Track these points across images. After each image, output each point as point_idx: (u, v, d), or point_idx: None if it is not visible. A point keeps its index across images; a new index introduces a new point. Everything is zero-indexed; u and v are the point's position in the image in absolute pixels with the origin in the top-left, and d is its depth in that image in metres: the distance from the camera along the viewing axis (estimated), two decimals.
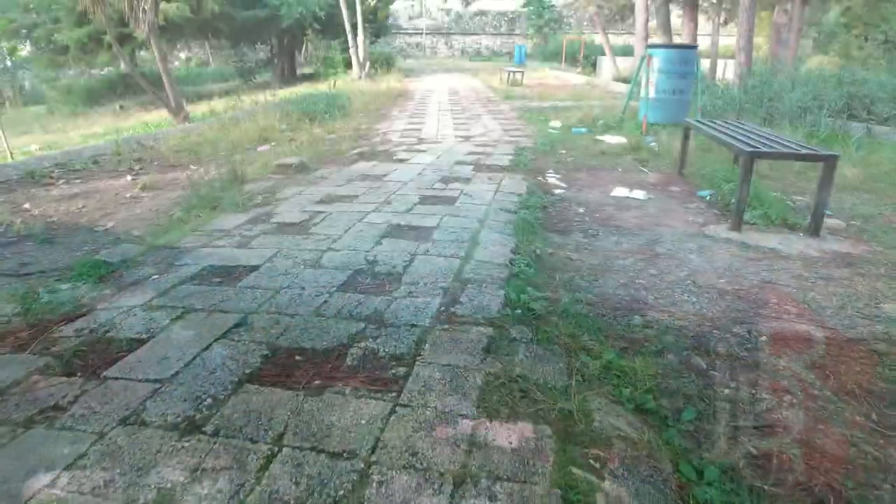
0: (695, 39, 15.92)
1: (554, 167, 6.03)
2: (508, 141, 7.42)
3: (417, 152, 6.42)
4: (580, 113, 10.00)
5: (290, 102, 11.34)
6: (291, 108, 10.13)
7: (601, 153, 6.72)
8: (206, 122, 8.98)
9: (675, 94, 8.14)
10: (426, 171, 5.25)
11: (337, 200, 4.29)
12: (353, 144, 7.25)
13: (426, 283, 2.67)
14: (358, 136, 7.96)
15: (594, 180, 5.59)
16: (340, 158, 6.41)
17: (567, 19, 36.66)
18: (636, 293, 3.01)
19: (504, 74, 19.24)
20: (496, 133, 8.15)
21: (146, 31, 11.17)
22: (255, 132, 8.16)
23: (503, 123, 9.22)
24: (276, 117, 9.51)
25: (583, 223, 4.20)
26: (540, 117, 9.95)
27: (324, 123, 9.32)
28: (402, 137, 7.76)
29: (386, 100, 12.66)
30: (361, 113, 10.47)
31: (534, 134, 8.11)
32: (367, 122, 9.40)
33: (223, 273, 2.89)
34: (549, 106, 11.69)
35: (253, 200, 4.42)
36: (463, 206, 4.04)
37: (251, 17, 19.45)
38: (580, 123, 9.08)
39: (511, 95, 13.69)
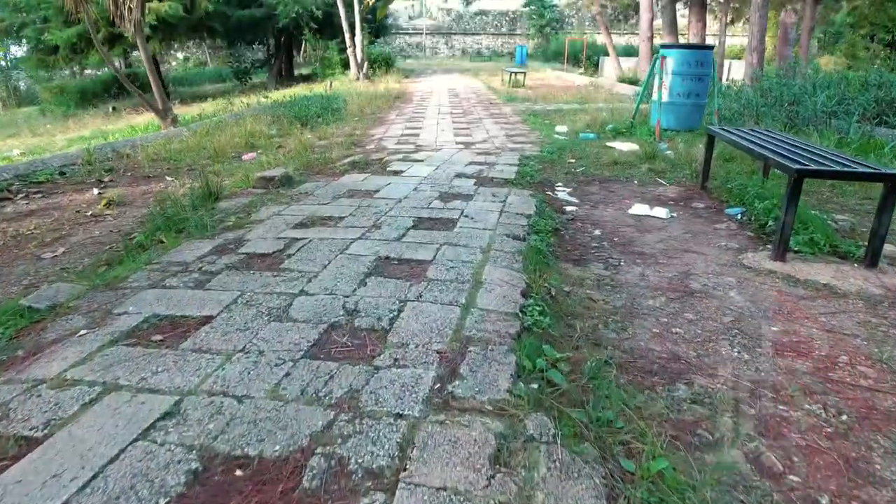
0: (703, 39, 15.34)
1: (563, 179, 5.47)
2: (512, 148, 6.85)
3: (414, 162, 5.85)
4: (587, 117, 9.43)
5: (282, 105, 10.78)
6: (283, 111, 9.57)
7: (613, 163, 6.15)
8: (191, 128, 8.43)
9: (689, 98, 7.58)
10: (423, 186, 4.68)
11: (319, 223, 3.73)
12: (344, 152, 6.68)
13: (417, 345, 2.11)
14: (351, 142, 7.40)
15: (608, 195, 5.03)
16: (330, 169, 5.85)
17: (568, 19, 36.11)
18: (674, 347, 2.46)
19: (505, 75, 18.67)
20: (499, 139, 7.59)
21: (132, 31, 10.60)
22: (243, 138, 7.60)
23: (506, 128, 8.65)
24: (266, 121, 8.96)
25: (601, 249, 3.64)
26: (545, 121, 9.39)
27: (316, 128, 8.76)
28: (399, 144, 7.19)
29: (383, 102, 12.10)
30: (356, 117, 9.91)
31: (539, 140, 7.54)
32: (363, 127, 8.84)
33: (168, 327, 2.33)
34: (553, 109, 11.13)
35: (224, 222, 3.86)
36: (464, 232, 3.48)
37: (247, 16, 18.89)
38: (588, 128, 8.51)
39: (513, 97, 13.13)
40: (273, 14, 19.04)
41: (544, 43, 34.05)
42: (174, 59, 35.75)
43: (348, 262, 2.96)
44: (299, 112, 9.32)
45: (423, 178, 4.96)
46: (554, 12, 34.85)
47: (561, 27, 35.49)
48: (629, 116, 8.93)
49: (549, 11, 34.37)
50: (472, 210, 3.95)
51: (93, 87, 22.14)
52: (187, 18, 17.36)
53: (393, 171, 5.37)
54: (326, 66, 19.44)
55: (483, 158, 6.09)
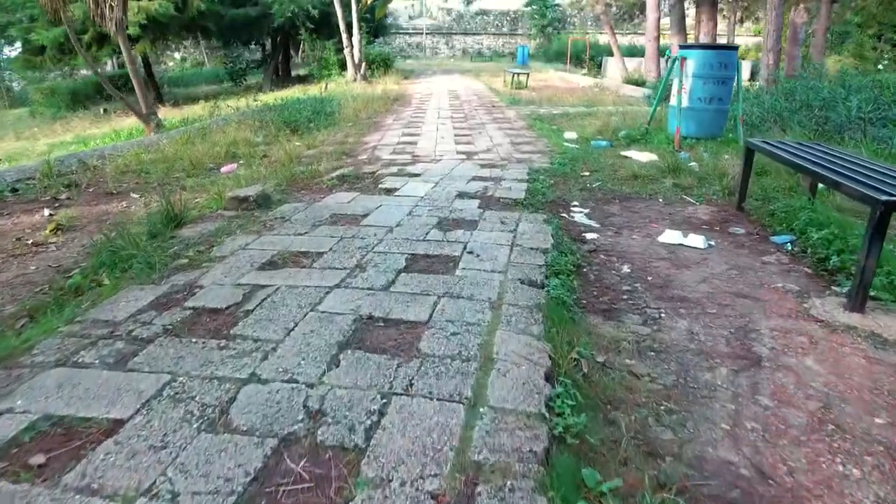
0: (714, 39, 14.65)
1: (579, 197, 4.79)
2: (519, 159, 6.18)
3: (410, 177, 5.18)
4: (597, 122, 8.76)
5: (272, 109, 10.10)
6: (272, 116, 8.90)
7: (633, 176, 5.47)
8: (170, 135, 7.75)
9: (712, 103, 6.90)
10: (419, 209, 4.01)
11: (291, 262, 3.05)
12: (334, 164, 6.01)
13: (403, 481, 1.45)
14: (342, 151, 6.73)
15: (632, 216, 4.36)
16: (315, 184, 5.18)
17: (571, 19, 35.40)
18: (756, 456, 1.79)
19: (507, 76, 17.99)
20: (504, 148, 6.91)
21: (113, 30, 9.93)
22: (224, 147, 6.93)
23: (511, 135, 7.97)
24: (252, 128, 8.29)
25: (634, 294, 2.96)
26: (551, 127, 8.72)
27: (307, 135, 8.09)
28: (394, 154, 6.52)
29: (380, 105, 11.42)
30: (351, 122, 9.23)
31: (547, 149, 6.87)
32: (356, 134, 8.16)
33: (60, 438, 1.66)
34: (559, 113, 10.45)
35: (179, 258, 3.19)
36: (468, 276, 2.81)
37: (241, 15, 18.20)
38: (599, 135, 7.84)
39: (517, 100, 12.45)
40: (268, 13, 18.35)
41: (546, 43, 33.34)
42: (171, 59, 35.07)
43: (320, 324, 2.29)
44: (289, 117, 8.64)
45: (419, 199, 4.28)
46: (556, 12, 34.13)
47: (563, 27, 34.77)
48: (643, 122, 8.25)
49: (550, 11, 33.66)
50: (477, 243, 3.28)
51: (84, 88, 21.47)
52: (179, 17, 16.68)
53: (385, 189, 4.69)
54: (323, 66, 18.76)
55: (488, 172, 5.41)
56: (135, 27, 15.96)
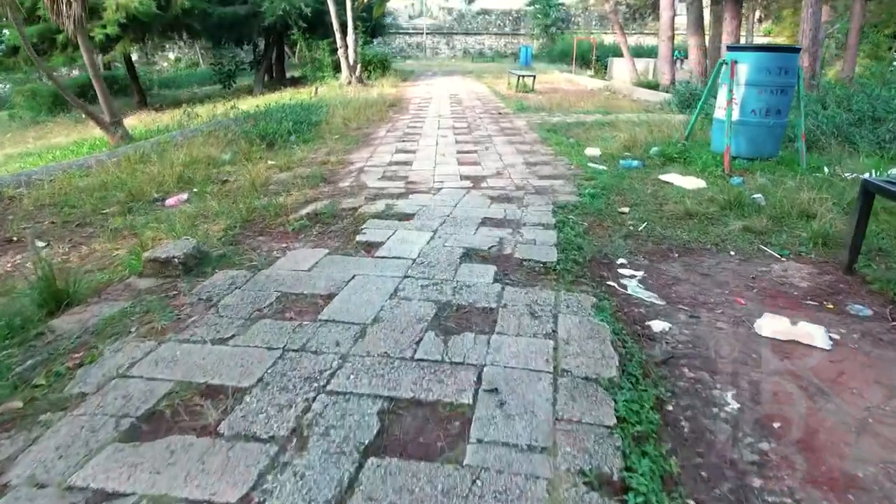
0: (738, 39, 13.36)
1: (625, 249, 3.53)
2: (538, 187, 4.91)
3: (400, 220, 3.91)
4: (621, 134, 7.48)
5: (251, 117, 8.84)
6: (247, 127, 7.63)
7: (686, 214, 4.21)
8: (119, 153, 6.48)
9: (768, 117, 5.63)
10: (408, 287, 2.73)
11: (183, 418, 1.79)
12: (308, 194, 4.76)
13: None
14: (321, 175, 5.46)
15: (704, 283, 3.10)
16: (276, 228, 3.92)
17: (574, 18, 34.06)
18: None
19: (512, 78, 16.71)
20: (518, 170, 5.65)
21: (70, 28, 8.65)
22: (182, 168, 5.68)
23: (523, 151, 6.69)
24: (222, 141, 7.03)
25: (766, 472, 1.71)
26: (568, 140, 7.44)
27: (284, 150, 6.83)
28: (383, 181, 5.25)
29: (374, 112, 10.14)
30: (338, 134, 7.94)
31: (570, 172, 5.59)
32: (342, 150, 6.88)
33: None
34: (574, 122, 9.17)
35: (13, 397, 1.94)
36: (487, 465, 1.54)
37: (229, 13, 16.90)
38: (627, 152, 6.58)
39: (524, 106, 11.16)
40: (258, 12, 17.05)
41: (549, 43, 32.02)
42: (165, 59, 33.78)
43: None
44: (266, 129, 7.37)
45: (410, 264, 3.01)
46: (560, 11, 32.81)
47: (567, 27, 33.45)
48: (677, 136, 6.99)
49: (554, 10, 32.33)
50: (498, 367, 2.01)
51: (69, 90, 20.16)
52: (162, 16, 15.37)
53: (365, 245, 3.41)
54: (317, 68, 17.47)
55: (502, 210, 4.14)
56: (113, 26, 14.68)
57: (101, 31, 14.64)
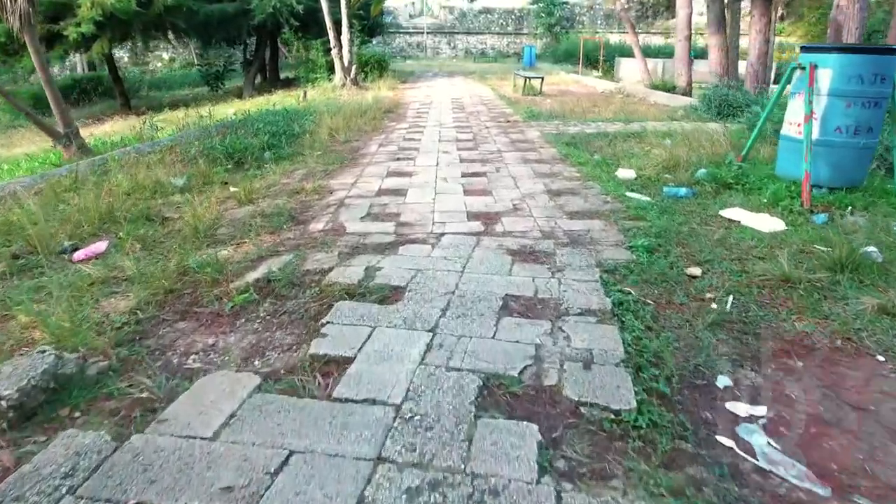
0: (767, 38, 12.08)
1: (721, 354, 2.28)
2: (571, 234, 3.64)
3: (382, 305, 2.62)
4: (655, 150, 6.25)
5: (227, 127, 7.60)
6: (214, 142, 6.37)
7: (782, 279, 2.96)
8: (47, 177, 5.24)
9: (858, 135, 4.37)
10: (381, 496, 1.48)
11: None
12: (262, 246, 3.51)
13: None
14: (289, 213, 4.21)
15: (868, 429, 1.85)
16: (204, 312, 2.68)
17: (579, 17, 32.73)
18: None
19: (518, 80, 15.43)
20: (540, 203, 4.39)
21: (17, 25, 7.41)
22: (117, 199, 4.45)
23: (543, 175, 5.43)
24: (182, 160, 5.79)
25: None
26: (593, 157, 6.18)
27: (252, 172, 5.60)
28: (367, 221, 3.99)
29: (367, 120, 8.87)
30: (320, 150, 6.65)
31: (607, 206, 4.33)
32: (323, 172, 5.62)
33: None
34: (594, 132, 7.91)
35: None
36: None
37: (217, 11, 15.62)
38: (668, 174, 5.35)
39: (535, 112, 9.89)
40: (248, 9, 15.78)
41: (553, 43, 30.68)
42: (159, 59, 32.47)
43: None
44: (235, 144, 6.11)
45: (391, 421, 1.71)
46: (564, 10, 31.46)
47: (571, 26, 32.10)
48: (726, 154, 5.74)
49: (558, 9, 30.98)
50: None
51: None
52: (143, 14, 14.12)
53: (323, 363, 2.13)
54: (310, 69, 16.19)
55: (529, 281, 2.88)
56: (89, 24, 13.43)
57: (76, 30, 13.39)
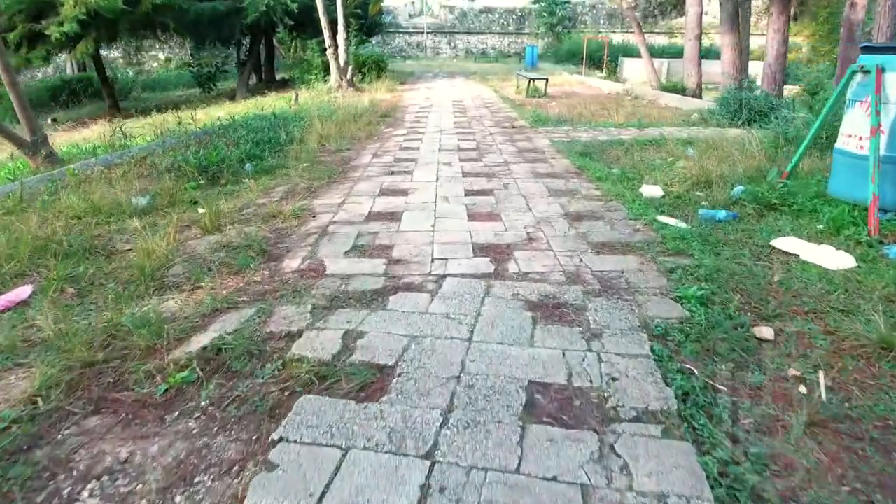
0: (786, 38, 11.37)
1: (838, 481, 1.58)
2: (605, 279, 2.91)
3: (360, 405, 1.91)
4: (677, 161, 5.57)
5: (208, 134, 6.91)
6: (188, 153, 5.66)
7: (881, 345, 2.27)
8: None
9: None
10: None
11: None
12: (218, 294, 2.81)
13: None
14: (260, 245, 3.49)
15: None
16: (128, 400, 1.97)
17: (581, 17, 31.99)
18: None
19: (521, 81, 14.72)
20: (559, 231, 3.68)
21: None
22: (66, 224, 3.76)
23: (558, 192, 4.72)
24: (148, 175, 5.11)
25: None
26: (611, 169, 5.47)
27: (228, 188, 4.91)
28: (353, 257, 3.29)
29: (362, 126, 8.16)
30: (307, 162, 5.92)
31: (638, 235, 3.62)
32: (307, 188, 4.91)
33: None
34: (608, 139, 7.20)
35: None
36: None
37: (208, 9, 14.90)
38: (697, 189, 4.67)
39: (541, 117, 9.17)
40: (241, 7, 15.06)
41: (555, 43, 29.93)
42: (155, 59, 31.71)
43: None
44: (211, 157, 5.41)
45: None
46: (566, 9, 30.71)
47: (573, 25, 31.36)
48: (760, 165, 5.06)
49: (560, 8, 30.23)
50: None
51: (37, 93, 18.23)
52: (130, 12, 13.40)
53: None
54: (305, 70, 15.48)
55: (558, 354, 2.17)
56: (72, 23, 12.72)
57: (58, 30, 12.68)
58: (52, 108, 17.94)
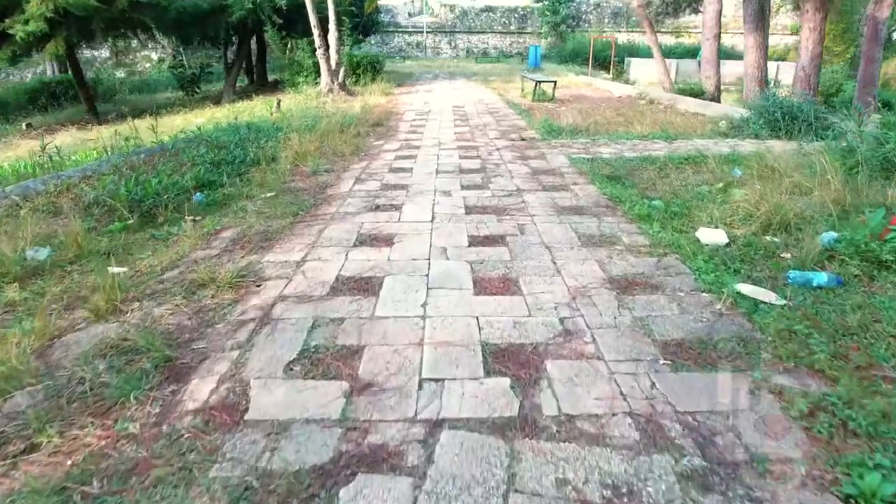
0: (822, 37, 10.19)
1: None
2: (696, 433, 1.75)
3: None
4: (726, 187, 4.41)
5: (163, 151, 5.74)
6: (119, 184, 4.47)
7: None
8: None
9: None
10: None
11: None
12: (70, 456, 1.65)
13: None
14: (168, 339, 2.32)
15: None
16: None
17: (586, 15, 30.73)
18: None
19: (527, 84, 13.52)
20: (606, 312, 2.51)
21: None
22: None
23: (592, 240, 3.53)
24: (62, 215, 3.94)
25: None
26: (651, 203, 4.28)
27: (165, 230, 3.74)
28: (295, 381, 2.10)
29: (348, 139, 6.96)
30: (273, 190, 4.74)
31: (722, 325, 2.42)
32: (264, 232, 3.71)
33: None
34: (635, 156, 6.02)
35: None
36: None
37: (190, 7, 13.71)
38: (768, 232, 3.51)
39: (553, 126, 7.96)
40: (225, 5, 13.86)
41: (559, 42, 28.69)
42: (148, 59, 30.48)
43: None
44: (147, 188, 4.21)
45: None
46: (570, 8, 29.45)
47: (577, 24, 30.11)
48: (839, 192, 3.90)
49: (564, 7, 28.96)
50: None
51: (15, 96, 17.08)
52: (104, 9, 12.21)
53: None
54: (296, 71, 14.29)
55: None
56: (38, 21, 11.53)
57: (23, 29, 11.49)
58: (31, 111, 16.75)
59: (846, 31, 25.14)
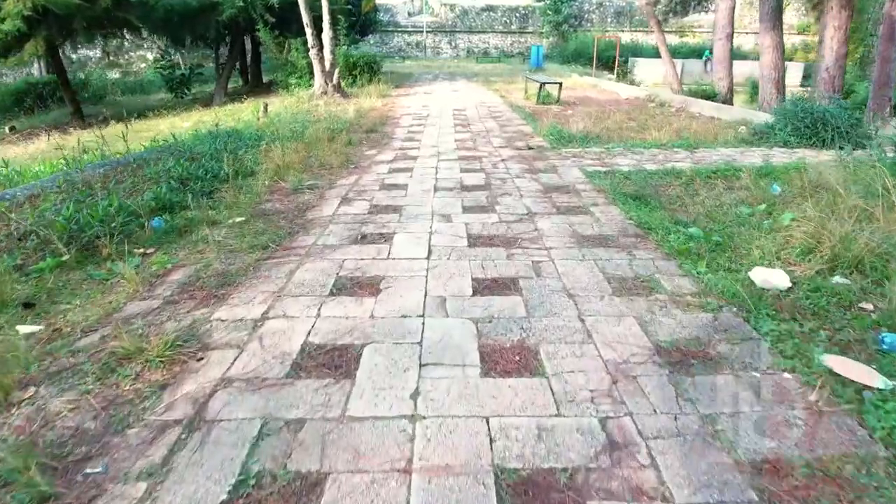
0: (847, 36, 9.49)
1: None
2: None
3: None
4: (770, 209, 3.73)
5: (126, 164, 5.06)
6: (59, 209, 3.79)
7: None
8: None
9: None
10: None
11: None
12: None
13: None
14: (61, 456, 1.66)
15: None
16: None
17: (588, 15, 30.01)
18: None
19: (530, 85, 12.83)
20: (659, 402, 1.82)
21: None
22: None
23: (622, 283, 2.85)
24: None
25: None
26: (688, 230, 3.59)
27: (111, 267, 3.05)
28: None
29: (337, 149, 6.25)
30: (245, 214, 4.06)
31: (802, 409, 1.75)
32: (222, 274, 3.01)
33: None
34: (656, 168, 5.33)
35: None
36: None
37: (178, 5, 13.03)
38: (835, 271, 2.82)
39: (562, 133, 7.26)
40: (216, 3, 13.18)
41: (561, 42, 27.98)
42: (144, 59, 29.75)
43: None
44: (93, 213, 3.53)
45: None
46: (572, 7, 28.72)
47: (579, 24, 29.39)
48: None
49: (566, 6, 28.24)
50: None
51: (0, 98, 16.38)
52: (87, 8, 11.53)
53: None
54: (290, 72, 13.61)
55: None
56: (16, 20, 10.86)
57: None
58: (17, 114, 16.07)
59: (855, 31, 24.39)
